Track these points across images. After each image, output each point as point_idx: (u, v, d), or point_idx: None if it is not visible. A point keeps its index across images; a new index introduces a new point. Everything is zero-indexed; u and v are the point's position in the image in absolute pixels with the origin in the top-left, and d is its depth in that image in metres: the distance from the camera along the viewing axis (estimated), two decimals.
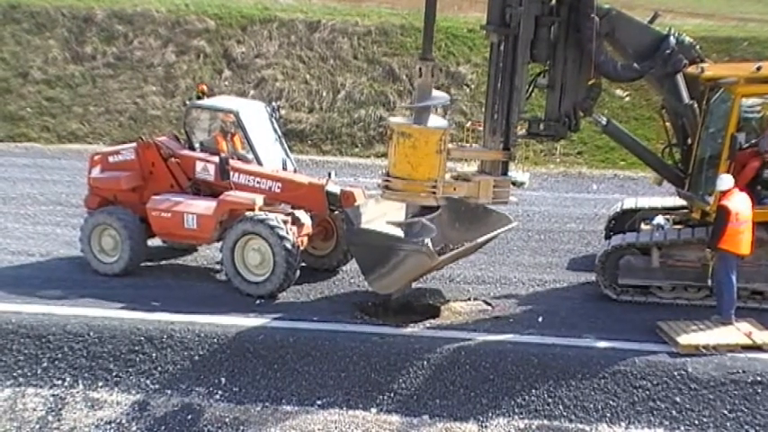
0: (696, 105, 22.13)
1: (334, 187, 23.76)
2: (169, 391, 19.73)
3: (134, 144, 25.34)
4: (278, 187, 23.82)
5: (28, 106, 39.39)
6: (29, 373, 20.22)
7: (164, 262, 25.64)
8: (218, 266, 24.27)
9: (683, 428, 18.55)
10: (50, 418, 19.35)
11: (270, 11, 44.41)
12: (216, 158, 23.67)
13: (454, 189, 21.56)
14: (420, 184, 21.15)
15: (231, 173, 23.45)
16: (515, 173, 22.04)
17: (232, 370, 20.06)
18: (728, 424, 18.53)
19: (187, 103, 29.22)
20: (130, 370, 20.17)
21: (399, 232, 21.54)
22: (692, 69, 22.19)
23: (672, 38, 22.15)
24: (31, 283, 23.46)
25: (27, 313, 21.64)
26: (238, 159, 24.36)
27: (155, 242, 25.38)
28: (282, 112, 38.76)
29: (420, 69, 21.17)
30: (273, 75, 40.47)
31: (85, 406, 19.58)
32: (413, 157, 21.15)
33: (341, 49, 41.33)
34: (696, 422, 18.64)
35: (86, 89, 39.09)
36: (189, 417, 19.20)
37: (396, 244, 21.30)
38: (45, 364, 20.38)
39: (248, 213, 22.75)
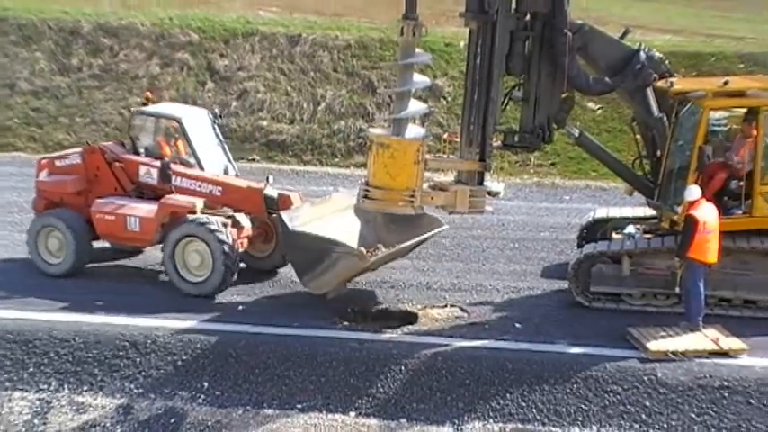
0: (665, 118, 22.34)
1: (271, 191, 24.02)
2: (153, 395, 19.78)
3: (80, 149, 25.76)
4: (218, 191, 24.25)
5: (15, 117, 39.40)
6: (15, 378, 20.26)
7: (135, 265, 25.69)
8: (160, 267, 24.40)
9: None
10: (36, 421, 19.39)
11: (252, 24, 44.48)
12: (158, 163, 23.94)
13: (431, 198, 21.74)
14: (398, 193, 21.34)
15: (173, 177, 23.76)
16: (491, 183, 22.13)
17: (214, 374, 20.11)
18: (696, 427, 18.65)
19: (132, 109, 29.13)
20: (115, 374, 20.22)
21: (333, 235, 21.77)
22: (661, 83, 22.38)
23: (642, 53, 22.38)
24: (17, 290, 23.46)
25: (12, 319, 21.69)
26: (181, 164, 24.66)
27: (103, 244, 25.43)
28: (264, 122, 39.13)
29: (402, 29, 21.31)
30: (255, 87, 40.54)
31: (71, 410, 19.62)
32: (391, 167, 21.34)
33: (321, 62, 41.42)
34: (665, 425, 18.76)
35: (72, 100, 39.12)
36: (172, 420, 19.25)
37: (328, 246, 21.67)
38: (31, 369, 20.43)
39: (189, 216, 23.11)
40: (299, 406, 19.39)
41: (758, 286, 22.03)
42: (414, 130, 22.08)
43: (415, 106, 22.35)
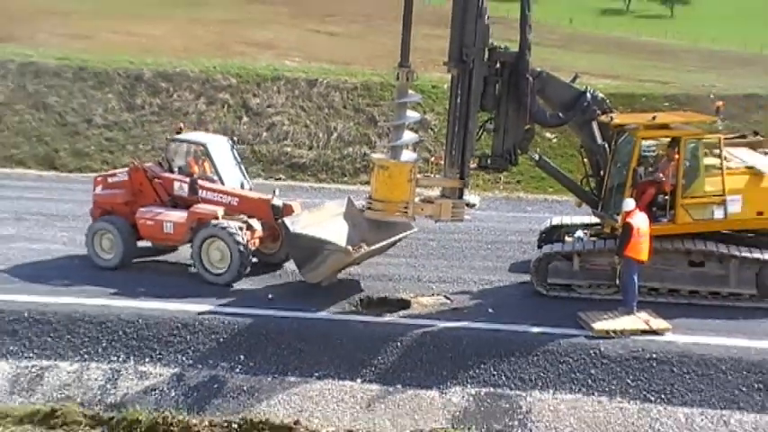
0: (607, 145, 22.30)
1: (277, 201, 24.23)
2: (200, 366, 19.71)
3: (127, 168, 26.02)
4: (235, 201, 24.47)
5: (92, 145, 39.32)
6: (91, 351, 20.17)
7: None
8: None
9: (596, 394, 18.63)
10: (108, 386, 19.31)
11: (278, 71, 44.42)
12: (188, 179, 24.31)
13: (422, 209, 21.82)
14: (395, 205, 21.57)
15: (200, 190, 24.16)
16: (469, 196, 22.15)
17: (249, 349, 20.03)
18: (631, 390, 18.64)
19: (167, 137, 29.22)
20: (170, 349, 20.15)
21: (325, 236, 22.07)
22: (603, 118, 22.45)
23: (588, 93, 22.40)
24: (86, 280, 23.40)
25: (89, 305, 21.61)
26: (206, 180, 24.78)
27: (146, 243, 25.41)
28: (288, 148, 39.12)
29: (398, 74, 21.79)
30: (281, 120, 40.46)
31: (135, 377, 19.55)
32: (389, 184, 21.54)
33: (333, 100, 41.36)
34: (606, 389, 18.70)
35: (137, 132, 39.02)
36: (215, 386, 19.19)
37: (321, 245, 21.90)
38: (104, 344, 20.35)
39: (212, 221, 23.46)
40: (315, 374, 19.30)
41: (679, 278, 22.01)
42: (407, 155, 22.15)
43: (408, 136, 22.51)
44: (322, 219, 23.52)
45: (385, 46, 27.34)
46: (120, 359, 20.11)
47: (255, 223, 24.12)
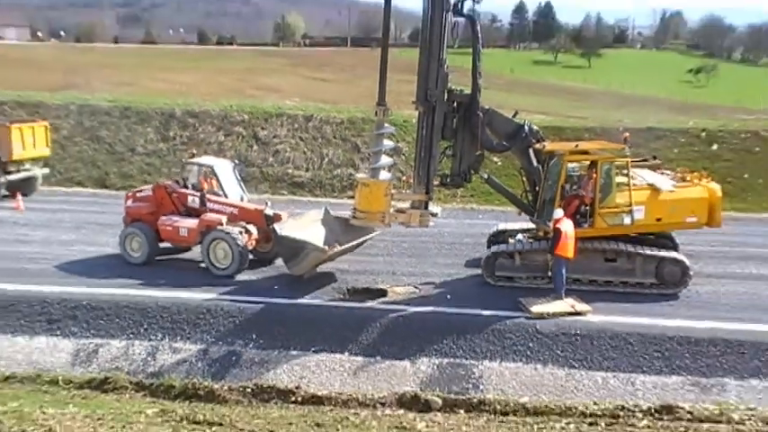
0: (540, 167, 22.31)
1: (269, 211, 24.55)
2: (221, 343, 19.63)
3: (151, 186, 26.32)
4: (236, 211, 24.57)
5: (134, 169, 39.23)
6: (135, 332, 20.07)
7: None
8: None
9: (533, 362, 18.65)
10: (149, 359, 19.23)
11: (282, 109, 44.37)
12: (198, 194, 24.54)
13: (396, 218, 21.89)
14: (375, 214, 21.65)
15: (208, 202, 24.43)
16: (432, 207, 22.11)
17: (259, 330, 19.93)
18: (560, 359, 18.74)
19: (183, 161, 29.31)
20: (197, 329, 20.04)
21: (306, 238, 22.45)
22: (538, 145, 22.52)
23: (525, 126, 22.45)
24: (131, 275, 23.30)
25: (131, 294, 21.55)
26: (213, 194, 24.94)
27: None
28: (289, 170, 39.13)
29: (376, 111, 21.91)
30: (284, 148, 40.40)
31: (170, 352, 19.45)
32: (370, 198, 21.58)
33: (325, 132, 41.31)
34: (541, 358, 18.79)
35: (170, 158, 38.86)
36: (233, 358, 19.12)
37: (303, 245, 22.30)
38: (145, 326, 20.24)
39: (218, 227, 23.67)
40: (312, 349, 19.22)
41: (597, 271, 22.04)
42: (384, 175, 22.09)
43: (385, 160, 22.43)
44: (304, 224, 23.78)
45: (366, 89, 27.40)
46: (158, 338, 20.02)
47: (252, 228, 24.22)
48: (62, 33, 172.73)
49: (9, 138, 33.27)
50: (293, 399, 16.84)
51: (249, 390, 17.14)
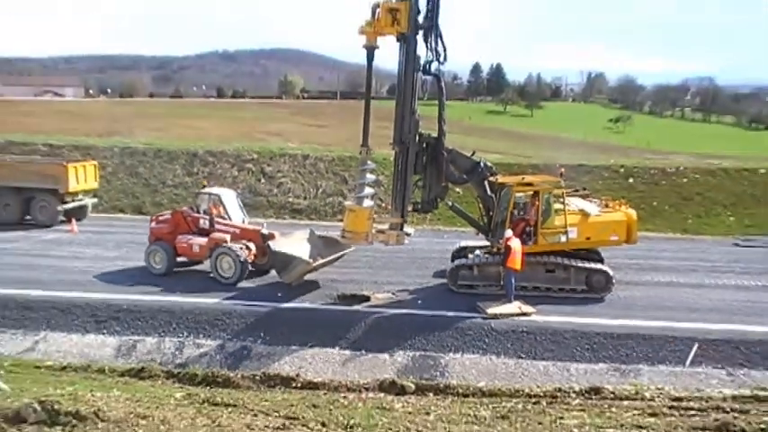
0: (494, 196, 22.31)
1: (265, 231, 24.76)
2: (235, 339, 19.47)
3: (170, 211, 26.63)
4: (238, 231, 24.69)
5: (165, 198, 39.02)
6: (166, 330, 19.92)
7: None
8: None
9: (488, 354, 18.59)
10: (177, 352, 19.07)
11: (284, 149, 44.44)
12: (208, 217, 24.75)
13: (377, 237, 21.89)
14: (360, 234, 21.71)
15: (215, 224, 24.56)
16: (407, 229, 22.08)
17: (266, 328, 19.80)
18: (510, 351, 18.66)
19: (196, 191, 29.32)
20: (216, 328, 19.89)
21: (295, 253, 22.63)
22: (492, 178, 22.56)
23: (482, 163, 22.51)
24: (160, 284, 23.13)
25: (163, 300, 21.47)
26: (220, 218, 24.96)
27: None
28: (290, 199, 39.03)
29: (360, 151, 22.02)
30: (286, 181, 40.36)
31: (194, 347, 19.29)
32: (356, 221, 21.66)
33: (320, 168, 41.33)
34: (495, 351, 18.70)
35: (194, 189, 38.47)
36: (245, 352, 18.97)
37: (292, 258, 22.59)
38: (174, 326, 20.08)
39: (223, 244, 23.82)
40: (309, 345, 19.09)
41: (540, 280, 22.03)
42: (367, 202, 22.12)
43: (368, 190, 22.52)
44: (292, 241, 23.76)
45: (352, 133, 27.48)
46: (184, 335, 19.84)
47: (251, 245, 24.25)
48: (108, 91, 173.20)
49: (66, 174, 33.30)
50: (294, 385, 16.67)
51: (258, 377, 16.96)
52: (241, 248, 23.71)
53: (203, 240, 24.37)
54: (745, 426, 12.05)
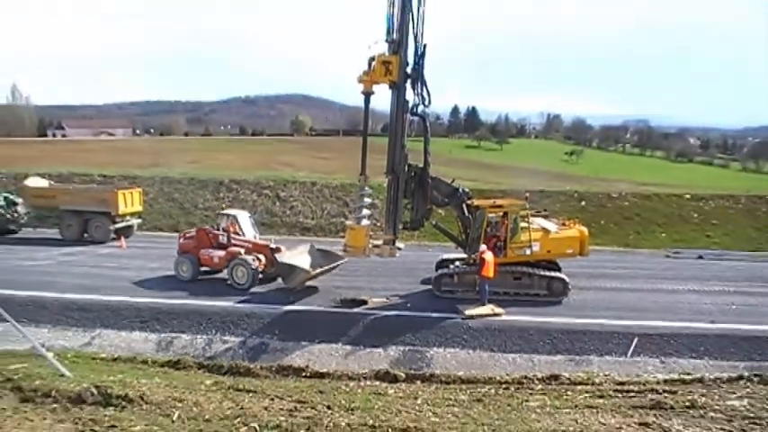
0: (470, 216, 22.33)
1: (273, 245, 24.69)
2: (254, 336, 19.37)
3: (195, 228, 26.66)
4: (250, 245, 24.63)
5: (197, 219, 38.87)
6: (196, 329, 19.80)
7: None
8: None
9: (466, 348, 18.57)
10: (207, 347, 18.95)
11: (296, 177, 44.48)
12: (226, 234, 24.85)
13: (373, 251, 21.81)
14: (358, 249, 21.64)
15: (232, 240, 24.67)
16: (399, 244, 22.06)
17: (280, 327, 19.72)
18: (485, 345, 18.63)
19: (217, 212, 29.34)
20: (239, 327, 19.79)
21: (296, 263, 22.80)
22: (469, 202, 22.58)
23: (460, 189, 22.58)
24: (190, 290, 23.06)
25: (195, 303, 21.35)
26: (236, 234, 25.00)
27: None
28: (300, 219, 38.93)
29: (359, 179, 22.00)
30: (297, 204, 40.33)
31: (221, 343, 19.17)
32: (355, 237, 21.63)
33: (325, 193, 41.34)
34: (472, 346, 18.69)
35: (220, 211, 38.78)
36: (263, 347, 18.85)
37: (294, 267, 22.67)
38: (203, 325, 19.96)
39: (238, 256, 23.84)
40: (316, 341, 19.01)
41: (509, 286, 22.03)
42: (365, 222, 22.06)
43: (365, 212, 22.40)
44: (295, 254, 23.83)
45: (353, 164, 27.59)
46: (213, 333, 19.73)
47: (261, 257, 24.22)
48: (151, 130, 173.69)
49: (116, 199, 33.46)
50: (304, 374, 16.56)
51: (274, 368, 16.85)
52: (253, 260, 23.73)
53: (222, 253, 24.45)
54: (674, 404, 12.12)
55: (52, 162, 58.33)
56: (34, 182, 36.43)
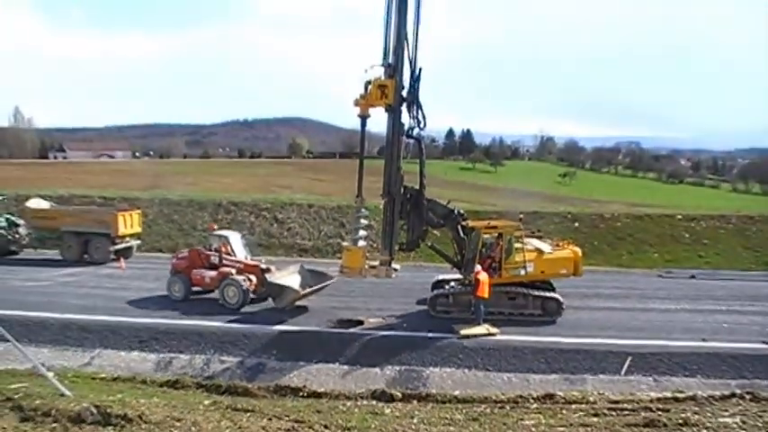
0: (466, 237, 22.35)
1: (263, 266, 24.74)
2: (253, 356, 19.32)
3: (188, 249, 26.77)
4: (242, 266, 24.66)
5: (196, 240, 38.85)
6: (195, 349, 19.77)
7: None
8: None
9: (462, 368, 18.52)
10: (206, 366, 18.89)
11: (293, 200, 44.44)
12: (218, 254, 24.90)
13: (369, 272, 21.81)
14: (355, 269, 21.66)
15: (223, 260, 24.70)
16: (394, 265, 22.06)
17: (278, 348, 19.67)
18: (479, 365, 18.56)
19: (208, 233, 29.34)
20: (237, 347, 19.74)
21: (286, 283, 22.92)
22: (464, 223, 22.57)
23: (455, 210, 22.57)
24: (184, 310, 23.02)
25: (192, 323, 21.32)
26: (227, 254, 25.08)
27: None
28: (298, 240, 38.88)
29: (356, 200, 22.27)
30: (295, 226, 40.25)
31: (219, 362, 19.10)
32: (352, 258, 21.65)
33: (322, 214, 41.28)
34: (467, 365, 18.63)
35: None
36: (260, 366, 18.81)
37: (284, 287, 22.74)
38: (202, 345, 19.92)
39: (230, 276, 23.87)
40: (314, 361, 18.96)
41: (504, 306, 22.05)
42: (361, 243, 22.12)
43: (362, 233, 22.45)
44: (285, 274, 23.97)
45: (349, 186, 27.65)
46: (211, 353, 19.67)
47: (252, 277, 24.20)
48: (151, 153, 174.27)
49: (116, 221, 33.53)
50: (301, 394, 16.56)
51: (271, 388, 16.84)
52: (244, 280, 23.78)
53: (214, 273, 24.53)
54: (667, 421, 12.19)
55: (53, 184, 58.43)
56: (36, 203, 36.47)
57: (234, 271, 24.34)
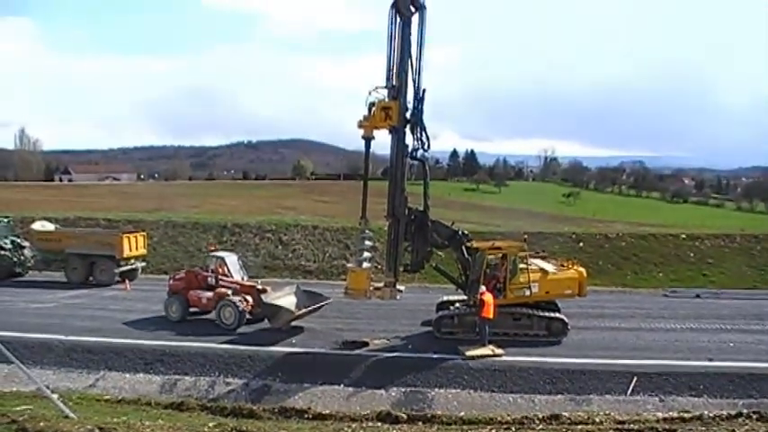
0: (470, 258, 22.36)
1: (259, 286, 24.75)
2: (257, 378, 19.31)
3: (185, 270, 26.95)
4: (238, 286, 24.73)
5: (200, 262, 38.70)
6: (200, 371, 19.78)
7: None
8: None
9: (467, 389, 18.51)
10: (210, 389, 18.87)
11: (297, 221, 44.47)
12: (214, 275, 25.02)
13: (374, 293, 21.86)
14: (360, 291, 21.70)
15: (220, 281, 24.83)
16: (399, 286, 22.07)
17: (283, 370, 19.66)
18: (485, 386, 18.51)
19: (205, 254, 29.71)
20: (242, 369, 19.74)
21: (281, 303, 22.91)
22: (468, 244, 22.58)
23: (459, 231, 22.63)
24: (186, 331, 23.01)
25: (196, 345, 21.33)
26: (224, 275, 25.18)
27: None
28: (302, 262, 38.89)
29: (360, 222, 22.18)
30: (299, 247, 40.23)
31: (224, 384, 19.12)
32: (357, 280, 21.73)
33: (326, 236, 41.28)
34: (473, 386, 18.60)
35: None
36: (265, 389, 18.80)
37: (279, 308, 22.73)
38: (207, 367, 19.93)
39: (226, 297, 23.96)
40: (318, 382, 18.94)
41: (508, 326, 21.98)
42: (366, 264, 22.14)
43: (366, 255, 22.47)
44: (280, 295, 23.97)
45: (354, 208, 27.58)
46: (216, 374, 19.67)
47: (248, 298, 24.22)
48: (156, 175, 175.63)
49: (121, 243, 33.60)
50: (306, 416, 16.52)
51: (276, 410, 16.82)
52: (240, 301, 23.88)
53: (210, 294, 24.64)
54: None
55: (58, 206, 58.69)
56: (41, 225, 36.62)
57: (230, 292, 24.44)
